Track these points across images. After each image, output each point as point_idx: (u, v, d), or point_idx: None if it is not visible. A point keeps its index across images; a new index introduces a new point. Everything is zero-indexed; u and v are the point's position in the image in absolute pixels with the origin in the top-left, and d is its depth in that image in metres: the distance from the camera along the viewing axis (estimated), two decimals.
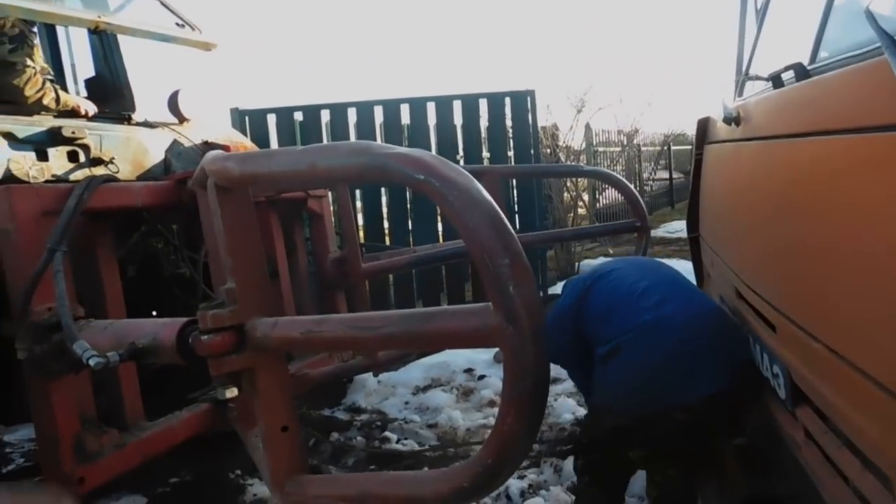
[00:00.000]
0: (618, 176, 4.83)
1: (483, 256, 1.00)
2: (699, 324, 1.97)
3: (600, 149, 10.86)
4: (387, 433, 3.67)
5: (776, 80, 1.78)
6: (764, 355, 1.79)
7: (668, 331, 1.95)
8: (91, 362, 1.62)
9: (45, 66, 2.84)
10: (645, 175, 13.84)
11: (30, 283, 2.00)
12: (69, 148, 2.63)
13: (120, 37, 3.45)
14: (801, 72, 1.58)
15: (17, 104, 2.68)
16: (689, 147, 16.94)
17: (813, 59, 1.62)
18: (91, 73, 3.53)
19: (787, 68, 1.66)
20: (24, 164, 2.42)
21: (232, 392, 1.53)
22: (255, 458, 2.09)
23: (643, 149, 13.80)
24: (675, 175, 15.70)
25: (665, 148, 15.19)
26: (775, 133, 1.65)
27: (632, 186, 4.26)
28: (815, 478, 1.45)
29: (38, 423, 2.09)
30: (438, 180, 1.03)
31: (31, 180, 2.40)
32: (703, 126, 2.71)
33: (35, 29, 2.88)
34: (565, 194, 8.49)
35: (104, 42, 3.46)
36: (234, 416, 2.44)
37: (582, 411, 3.70)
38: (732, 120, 2.08)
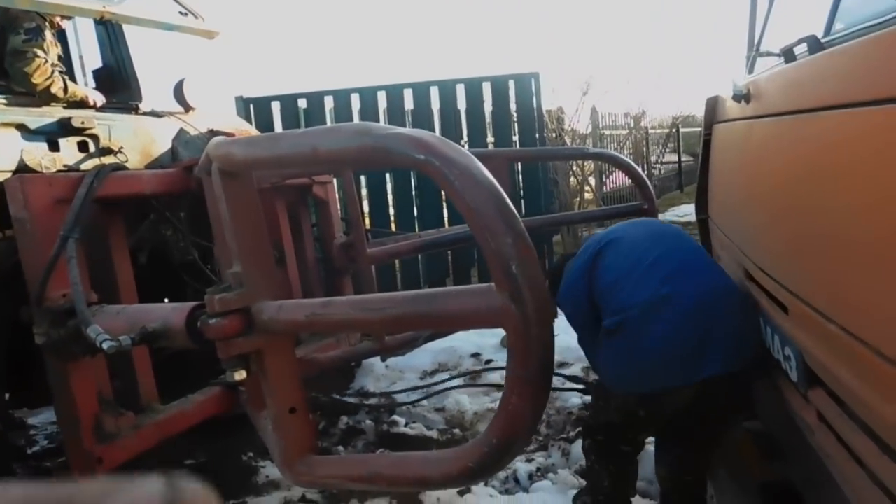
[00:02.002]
0: (624, 157, 4.82)
1: (486, 236, 1.00)
2: (708, 301, 1.89)
3: (607, 132, 10.78)
4: (395, 417, 3.72)
5: (788, 55, 1.70)
6: (775, 337, 1.74)
7: (676, 307, 1.88)
8: (104, 346, 1.67)
9: (57, 62, 2.89)
10: (653, 158, 13.70)
11: (45, 269, 2.05)
12: (79, 138, 2.69)
13: (125, 27, 3.48)
14: (815, 45, 1.51)
15: (26, 92, 2.73)
16: (698, 129, 16.77)
17: (828, 31, 1.55)
18: (98, 64, 3.57)
19: (799, 41, 1.59)
20: (37, 154, 2.48)
21: (241, 374, 1.56)
22: (266, 440, 2.13)
23: (651, 131, 13.67)
24: (683, 158, 15.55)
25: (673, 130, 15.06)
26: (788, 109, 1.58)
27: (638, 168, 4.25)
28: (828, 461, 1.41)
29: (58, 406, 2.16)
30: (439, 160, 1.03)
31: (44, 170, 2.46)
32: (713, 105, 2.64)
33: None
34: (571, 178, 8.47)
35: (110, 33, 3.50)
36: (245, 398, 2.49)
37: (588, 396, 3.74)
38: (743, 97, 2.00)
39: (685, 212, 11.02)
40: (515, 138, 5.90)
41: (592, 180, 9.35)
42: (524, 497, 2.80)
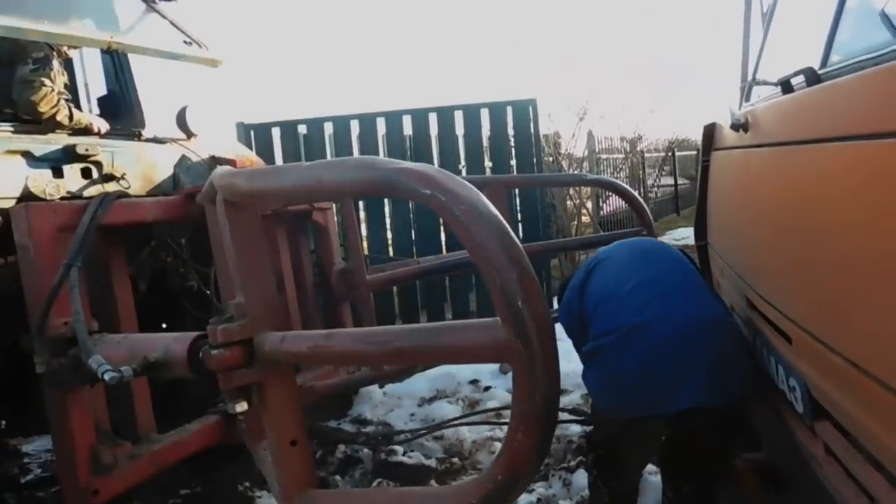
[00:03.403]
0: (622, 184, 4.86)
1: (491, 271, 1.00)
2: (689, 330, 1.84)
3: (603, 156, 10.87)
4: (393, 446, 3.70)
5: (786, 86, 1.72)
6: (779, 367, 1.72)
7: (653, 335, 1.84)
8: (106, 377, 1.66)
9: (63, 90, 2.93)
10: (649, 182, 13.80)
11: (47, 298, 2.05)
12: (83, 165, 2.71)
13: (130, 56, 3.52)
14: (812, 76, 1.53)
15: (33, 120, 2.76)
16: (694, 152, 16.90)
17: (824, 63, 1.56)
18: (103, 91, 3.60)
19: (797, 73, 1.61)
20: (41, 181, 2.49)
21: (242, 406, 1.56)
22: (264, 472, 2.11)
23: (647, 155, 13.79)
24: (680, 181, 15.67)
25: (669, 154, 15.20)
26: (786, 139, 1.60)
27: (636, 194, 4.28)
28: (837, 495, 1.39)
29: (55, 436, 2.14)
30: (444, 194, 1.04)
31: (48, 197, 2.47)
32: (710, 132, 2.66)
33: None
34: (568, 202, 8.52)
35: (116, 61, 3.54)
36: (243, 428, 2.47)
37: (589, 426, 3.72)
38: (741, 126, 2.01)
39: (682, 235, 11.07)
40: (513, 163, 5.95)
41: (589, 204, 9.40)
42: None
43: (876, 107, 1.11)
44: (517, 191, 5.94)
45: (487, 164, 6.02)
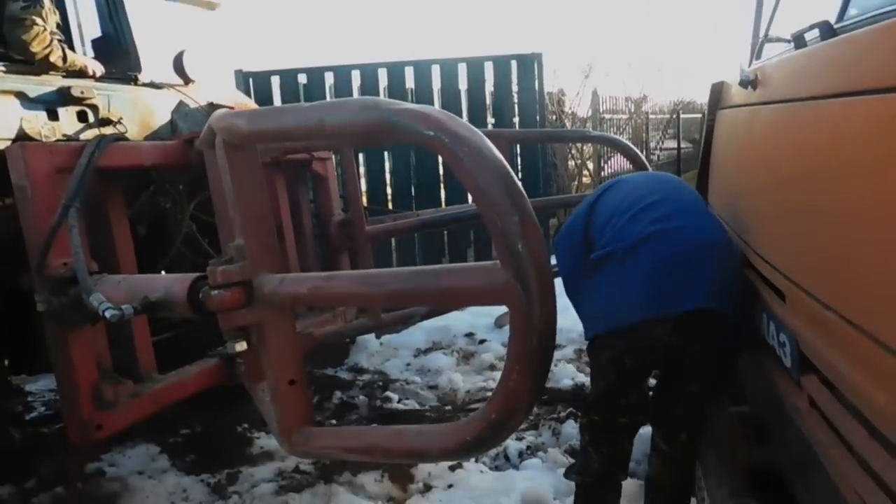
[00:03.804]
0: (625, 141, 4.83)
1: (492, 214, 1.00)
2: (699, 244, 1.90)
3: (607, 116, 10.75)
4: (388, 393, 3.76)
5: (799, 41, 1.69)
6: (771, 324, 1.75)
7: (664, 244, 1.89)
8: (107, 314, 1.69)
9: (56, 30, 2.87)
10: (652, 144, 13.69)
11: (46, 238, 2.06)
12: (78, 108, 2.68)
13: None
14: (828, 31, 1.50)
15: (25, 60, 2.71)
16: (699, 115, 16.64)
17: (841, 17, 1.53)
18: (97, 33, 3.53)
19: (811, 27, 1.58)
20: (36, 123, 2.47)
21: (241, 346, 1.59)
22: (263, 411, 2.16)
23: (651, 117, 13.64)
24: (683, 144, 15.51)
25: (673, 116, 15.01)
26: (797, 96, 1.57)
27: (639, 152, 4.25)
28: (818, 446, 1.43)
29: (58, 373, 2.18)
30: (448, 136, 1.03)
31: (43, 139, 2.45)
32: (717, 91, 2.62)
33: None
34: (570, 162, 8.47)
35: (109, 1, 3.46)
36: (242, 370, 2.51)
37: (581, 377, 3.78)
38: (750, 83, 1.98)
39: None
40: (516, 120, 5.90)
41: (591, 164, 9.35)
42: (514, 474, 2.84)
43: (892, 60, 1.09)
44: (519, 149, 5.90)
45: (490, 120, 5.97)
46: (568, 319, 2.42)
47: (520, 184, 1.04)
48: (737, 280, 1.94)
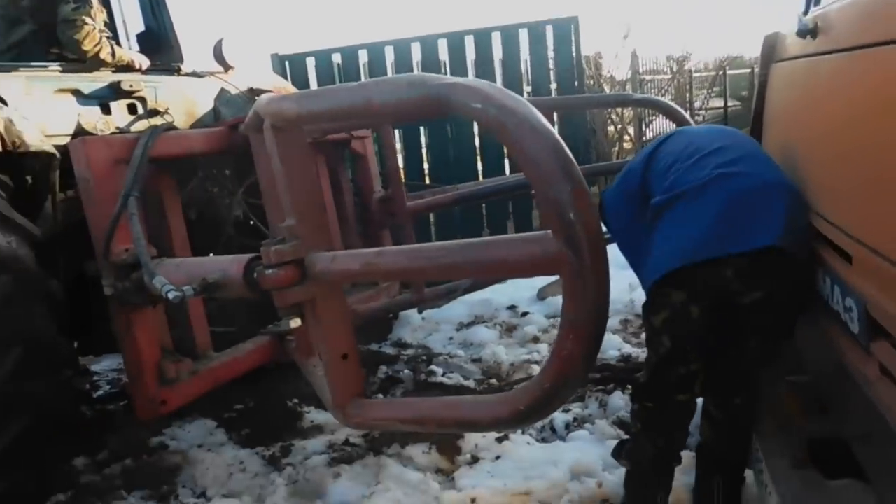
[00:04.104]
0: (669, 102, 4.69)
1: (544, 184, 1.01)
2: (763, 188, 1.85)
3: (647, 77, 10.45)
4: (432, 367, 3.80)
5: None
6: (835, 288, 1.68)
7: (729, 186, 1.84)
8: (170, 296, 1.77)
9: (104, 27, 2.97)
10: (697, 104, 13.23)
11: (109, 226, 2.17)
12: (128, 101, 2.80)
13: None
14: None
15: (78, 59, 2.82)
16: (747, 70, 15.91)
17: None
18: (141, 27, 3.63)
19: None
20: (92, 117, 2.60)
21: (296, 322, 1.65)
22: (315, 385, 2.24)
23: (695, 75, 13.16)
24: (730, 103, 14.95)
25: (719, 73, 14.48)
26: (863, 42, 1.47)
27: (685, 113, 4.12)
28: (889, 415, 1.37)
29: (125, 352, 2.31)
30: (497, 109, 1.04)
31: (98, 132, 2.57)
32: (771, 43, 2.47)
33: None
34: (609, 127, 8.28)
35: None
36: (293, 347, 2.61)
37: (628, 348, 3.77)
38: (809, 32, 1.86)
39: None
40: (553, 87, 5.80)
41: (631, 129, 9.13)
42: (561, 446, 2.85)
43: None
44: (556, 115, 5.81)
45: (527, 88, 5.89)
46: (613, 290, 2.40)
47: (570, 153, 1.04)
48: (806, 225, 1.86)
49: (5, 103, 2.32)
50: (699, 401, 2.15)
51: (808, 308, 1.92)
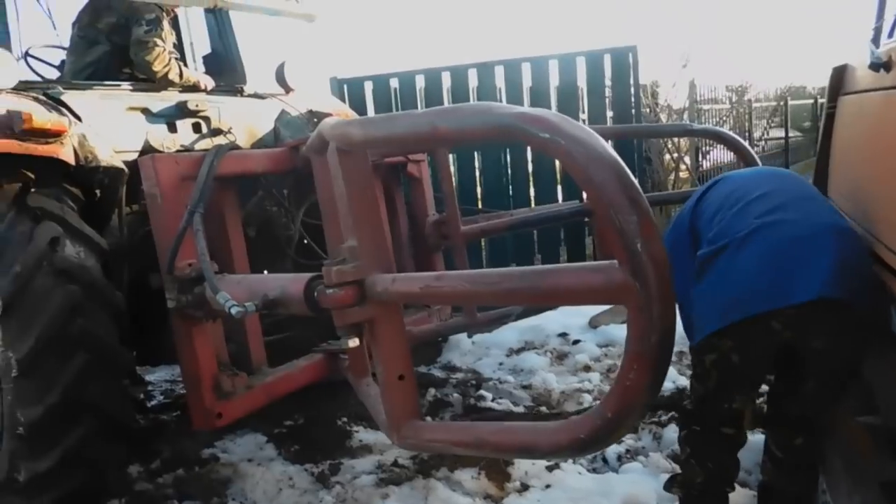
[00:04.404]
0: (729, 133, 4.58)
1: (610, 213, 1.01)
2: (810, 233, 1.80)
3: (706, 106, 10.28)
4: (482, 392, 3.76)
5: None
6: None
7: (772, 236, 1.80)
8: (233, 311, 1.82)
9: (173, 49, 3.12)
10: (756, 134, 12.95)
11: (175, 240, 2.25)
12: (193, 120, 2.91)
13: (232, 14, 3.67)
14: None
15: (148, 79, 2.97)
16: (809, 101, 15.46)
17: None
18: (207, 49, 3.79)
19: None
20: (159, 135, 2.71)
21: (354, 342, 1.67)
22: (368, 405, 2.25)
23: (755, 105, 12.89)
24: (791, 133, 14.57)
25: (781, 103, 14.14)
26: None
27: (745, 144, 4.02)
28: None
29: (183, 364, 2.37)
30: (563, 138, 1.05)
31: (165, 150, 2.68)
32: (840, 74, 2.46)
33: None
34: (666, 156, 8.16)
35: (219, 20, 3.70)
36: (347, 366, 2.63)
37: (683, 381, 3.66)
38: (882, 65, 1.86)
39: None
40: (609, 115, 5.76)
41: (688, 158, 8.97)
42: (613, 477, 2.79)
43: None
44: (611, 143, 5.76)
45: (582, 116, 5.87)
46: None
47: (636, 182, 1.04)
48: (862, 268, 1.81)
49: (80, 119, 2.44)
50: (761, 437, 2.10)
51: (877, 346, 1.85)
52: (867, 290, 1.77)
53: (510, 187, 5.83)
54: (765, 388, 2.30)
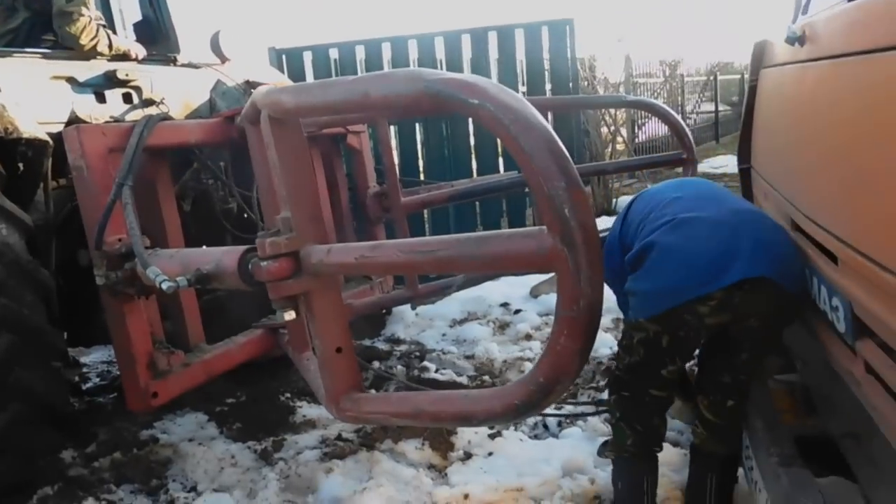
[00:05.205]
0: (662, 105, 4.71)
1: (539, 180, 1.01)
2: (734, 219, 1.90)
3: (640, 80, 10.52)
4: (426, 363, 3.81)
5: None
6: (822, 288, 1.71)
7: (698, 225, 1.90)
8: (164, 286, 1.76)
9: (98, 13, 2.95)
10: (688, 107, 13.36)
11: (103, 215, 2.16)
12: (124, 90, 2.78)
13: None
14: None
15: (75, 51, 2.80)
16: (737, 76, 16.08)
17: None
18: (138, 16, 3.61)
19: None
20: (86, 106, 2.58)
21: (290, 315, 1.64)
22: (308, 379, 2.23)
23: (687, 79, 13.28)
24: (721, 107, 15.10)
25: (710, 78, 14.61)
26: (849, 50, 1.51)
27: (677, 116, 4.14)
28: (875, 413, 1.41)
29: (116, 343, 2.30)
30: (493, 105, 1.04)
31: (93, 121, 2.55)
32: (761, 49, 2.54)
33: None
34: (603, 129, 8.34)
35: None
36: (287, 340, 2.60)
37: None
38: (797, 39, 1.91)
39: (721, 163, 10.79)
40: (548, 87, 5.81)
41: (624, 130, 9.18)
42: (554, 442, 2.87)
43: None
44: (551, 116, 5.83)
45: (522, 88, 5.89)
46: (606, 288, 2.43)
47: (565, 150, 1.05)
48: (783, 245, 1.90)
49: None
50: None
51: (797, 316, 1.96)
52: (789, 265, 1.85)
53: (452, 159, 5.83)
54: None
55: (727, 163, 10.27)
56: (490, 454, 2.83)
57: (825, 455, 1.78)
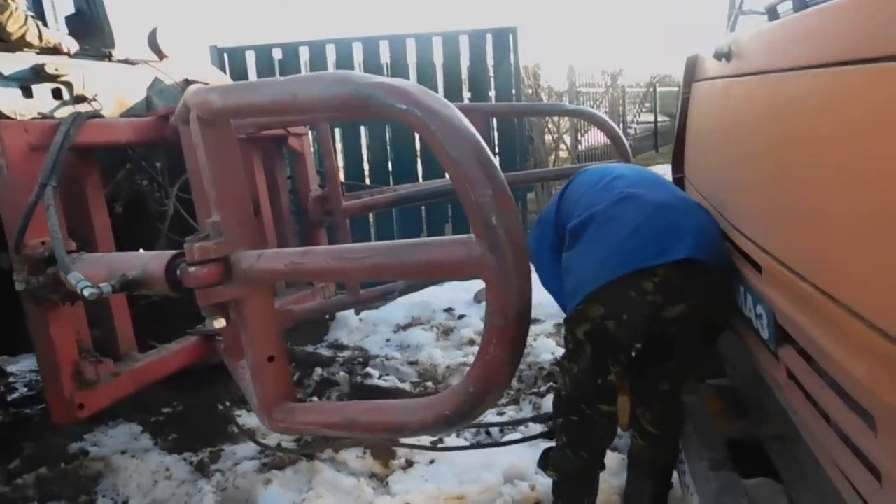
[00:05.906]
0: (600, 114, 4.85)
1: (466, 187, 1.00)
2: (673, 203, 1.93)
3: (583, 89, 10.76)
4: (368, 369, 3.79)
5: (772, 13, 1.73)
6: (748, 296, 1.76)
7: (641, 204, 1.90)
8: (85, 292, 1.68)
9: (27, 2, 2.80)
10: (629, 118, 13.77)
11: (23, 216, 2.04)
12: (53, 85, 2.64)
13: None
14: (800, 2, 1.54)
15: (1, 40, 2.66)
16: (676, 88, 16.69)
17: None
18: (71, 10, 3.46)
19: None
20: (10, 100, 2.43)
21: (220, 322, 1.58)
22: (243, 388, 2.17)
23: (628, 90, 13.67)
24: (660, 118, 15.62)
25: (650, 90, 15.10)
26: (769, 68, 1.59)
27: (614, 125, 4.28)
28: (796, 418, 1.46)
29: (39, 352, 2.18)
30: (421, 110, 1.03)
31: (18, 117, 2.41)
32: (692, 63, 2.63)
33: None
34: (546, 136, 8.49)
35: None
36: (222, 348, 2.53)
37: (561, 351, 3.84)
38: (724, 55, 1.99)
39: (660, 172, 11.07)
40: (492, 94, 5.87)
41: (568, 138, 9.36)
42: (495, 450, 2.88)
43: (862, 31, 1.09)
44: (495, 123, 5.89)
45: (466, 94, 5.94)
46: (546, 294, 2.45)
47: (493, 157, 1.04)
48: (719, 237, 1.93)
49: None
50: None
51: (730, 321, 2.01)
52: (726, 257, 1.88)
53: (397, 163, 5.82)
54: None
55: (665, 171, 10.54)
56: (432, 462, 2.83)
57: (757, 457, 1.83)
